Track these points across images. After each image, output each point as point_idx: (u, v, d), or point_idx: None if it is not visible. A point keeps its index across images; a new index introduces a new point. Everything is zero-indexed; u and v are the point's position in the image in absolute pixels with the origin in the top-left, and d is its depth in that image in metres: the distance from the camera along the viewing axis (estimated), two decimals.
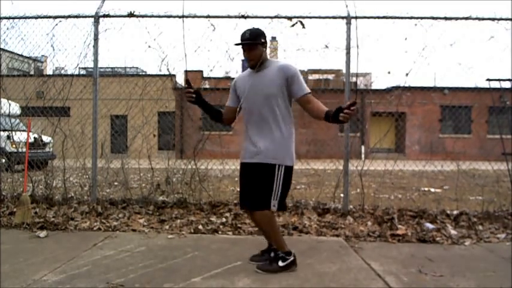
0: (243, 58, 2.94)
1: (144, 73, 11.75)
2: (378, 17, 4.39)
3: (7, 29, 4.80)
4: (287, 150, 2.80)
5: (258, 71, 2.83)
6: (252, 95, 2.82)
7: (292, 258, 2.89)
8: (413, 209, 4.52)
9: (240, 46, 2.82)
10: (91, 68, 4.68)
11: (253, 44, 2.77)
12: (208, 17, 4.50)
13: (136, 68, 13.48)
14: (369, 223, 4.17)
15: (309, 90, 2.79)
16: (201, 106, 2.99)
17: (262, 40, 2.81)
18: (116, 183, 5.67)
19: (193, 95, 2.88)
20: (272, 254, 2.96)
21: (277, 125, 2.78)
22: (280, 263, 2.86)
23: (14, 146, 5.56)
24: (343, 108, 2.52)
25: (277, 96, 2.77)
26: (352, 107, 2.48)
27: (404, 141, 21.80)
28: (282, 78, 2.76)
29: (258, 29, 2.85)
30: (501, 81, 5.37)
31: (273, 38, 4.78)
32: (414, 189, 7.44)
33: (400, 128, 18.16)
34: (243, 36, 2.78)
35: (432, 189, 7.38)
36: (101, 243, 3.50)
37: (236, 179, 6.44)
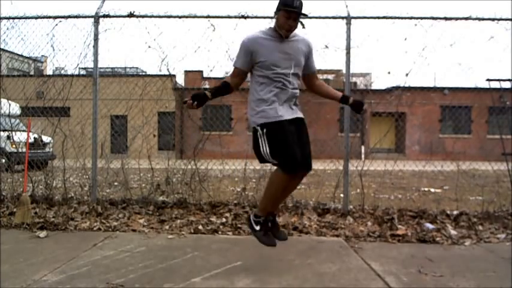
0: None
1: (144, 73, 11.75)
2: (378, 17, 4.39)
3: (7, 29, 4.79)
4: None
5: (287, 40, 2.82)
6: (288, 60, 2.80)
7: None
8: (413, 209, 4.52)
9: (282, 12, 2.70)
10: (91, 68, 4.68)
11: (301, 15, 2.75)
12: (208, 17, 4.50)
13: (136, 68, 13.48)
14: (369, 223, 4.17)
15: None
16: (209, 99, 2.84)
17: None
18: (115, 184, 5.67)
19: (194, 103, 2.76)
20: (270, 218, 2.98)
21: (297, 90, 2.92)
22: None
23: (14, 146, 5.56)
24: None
25: (302, 65, 2.91)
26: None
27: (404, 141, 21.82)
28: (306, 50, 2.90)
29: None
30: (501, 81, 5.38)
31: None
32: (414, 189, 7.44)
33: (400, 128, 18.19)
34: (295, 4, 2.66)
35: (432, 190, 7.38)
36: (100, 243, 3.50)
37: (236, 179, 6.47)
